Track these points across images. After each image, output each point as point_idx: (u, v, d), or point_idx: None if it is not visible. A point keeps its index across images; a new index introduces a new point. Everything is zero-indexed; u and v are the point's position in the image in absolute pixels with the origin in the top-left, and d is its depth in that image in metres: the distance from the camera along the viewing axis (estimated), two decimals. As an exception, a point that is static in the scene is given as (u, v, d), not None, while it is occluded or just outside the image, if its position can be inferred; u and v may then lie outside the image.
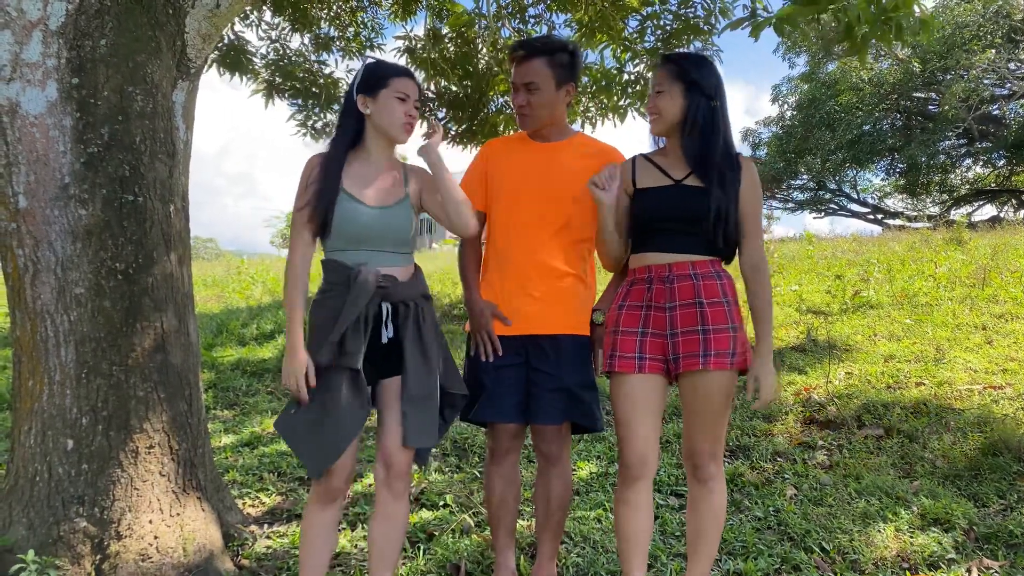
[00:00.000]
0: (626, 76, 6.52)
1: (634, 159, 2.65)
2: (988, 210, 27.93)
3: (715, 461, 2.53)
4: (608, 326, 2.57)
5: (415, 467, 2.67)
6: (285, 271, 2.49)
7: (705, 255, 2.48)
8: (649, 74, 6.36)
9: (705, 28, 5.75)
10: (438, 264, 15.86)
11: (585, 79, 6.67)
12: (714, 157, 2.45)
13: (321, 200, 2.40)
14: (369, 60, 2.58)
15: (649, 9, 5.99)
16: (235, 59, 6.67)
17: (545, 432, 2.74)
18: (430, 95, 7.12)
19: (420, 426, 2.43)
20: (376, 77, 2.46)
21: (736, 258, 2.58)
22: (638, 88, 6.51)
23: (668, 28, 5.99)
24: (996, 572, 2.99)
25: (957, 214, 24.36)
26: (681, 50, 6.03)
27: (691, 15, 5.81)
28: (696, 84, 2.46)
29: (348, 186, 2.44)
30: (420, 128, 2.66)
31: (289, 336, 2.37)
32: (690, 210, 2.44)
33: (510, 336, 2.69)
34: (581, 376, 2.70)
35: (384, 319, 2.41)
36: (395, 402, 2.46)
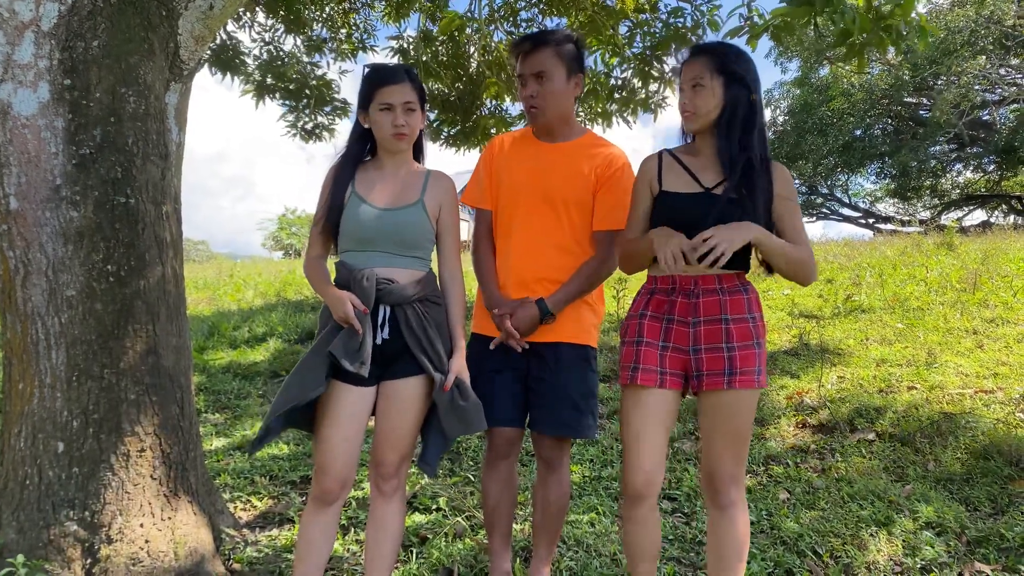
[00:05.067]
0: (613, 82, 6.53)
1: (660, 155, 2.48)
2: (978, 215, 28.13)
3: (736, 485, 2.35)
4: (628, 336, 2.42)
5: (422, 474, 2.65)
6: (305, 274, 2.63)
7: (731, 268, 2.34)
8: (636, 80, 6.37)
9: (692, 38, 5.76)
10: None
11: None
12: (752, 160, 2.28)
13: (331, 207, 2.49)
14: (366, 67, 2.57)
15: (643, 16, 6.00)
16: (227, 59, 6.65)
17: (545, 439, 2.73)
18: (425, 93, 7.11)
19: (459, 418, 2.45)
20: (365, 90, 2.50)
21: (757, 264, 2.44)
22: (624, 94, 6.53)
23: (657, 36, 6.00)
24: (988, 576, 3.00)
25: (948, 219, 24.49)
26: (669, 62, 6.04)
27: (680, 24, 5.83)
28: (738, 77, 2.28)
29: (360, 189, 2.50)
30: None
31: (324, 294, 2.44)
32: (720, 221, 2.23)
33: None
34: (582, 385, 2.67)
35: (380, 321, 2.41)
36: (390, 404, 2.46)
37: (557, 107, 2.68)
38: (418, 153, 2.66)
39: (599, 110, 6.69)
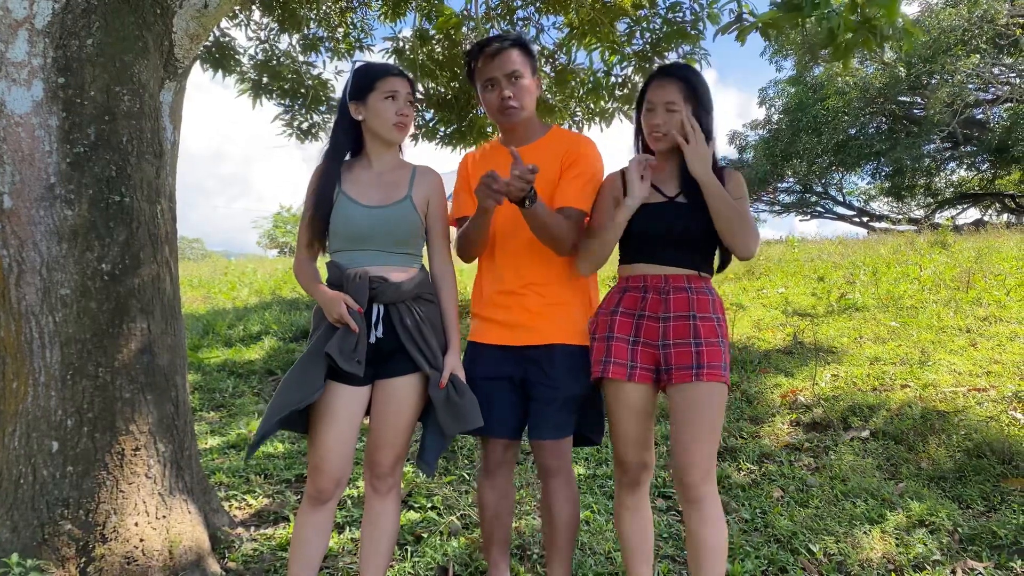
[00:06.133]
0: (613, 80, 6.53)
1: (624, 172, 2.59)
2: (972, 213, 28.20)
3: (707, 480, 2.35)
4: (600, 332, 2.52)
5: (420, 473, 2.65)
6: (295, 276, 2.63)
7: (697, 271, 2.47)
8: (637, 78, 6.38)
9: (693, 33, 5.77)
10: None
11: (573, 82, 6.69)
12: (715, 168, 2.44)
13: (319, 208, 2.48)
14: (357, 63, 2.58)
15: (642, 12, 6.01)
16: (219, 56, 6.63)
17: (542, 446, 2.64)
18: (419, 95, 7.10)
19: (455, 417, 2.45)
20: (363, 81, 2.48)
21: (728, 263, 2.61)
22: (625, 92, 6.53)
23: (657, 32, 6.00)
24: (981, 573, 3.02)
25: (941, 217, 24.59)
26: (671, 58, 6.06)
27: (680, 19, 5.83)
28: (701, 102, 2.45)
29: (348, 189, 2.49)
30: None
31: (316, 295, 2.44)
32: (684, 228, 2.43)
33: (505, 348, 2.63)
34: (578, 386, 2.59)
35: (374, 320, 2.41)
36: (385, 403, 2.46)
37: (530, 106, 2.68)
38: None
39: (599, 108, 6.69)
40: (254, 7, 6.71)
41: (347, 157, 2.61)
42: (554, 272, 2.65)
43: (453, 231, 2.78)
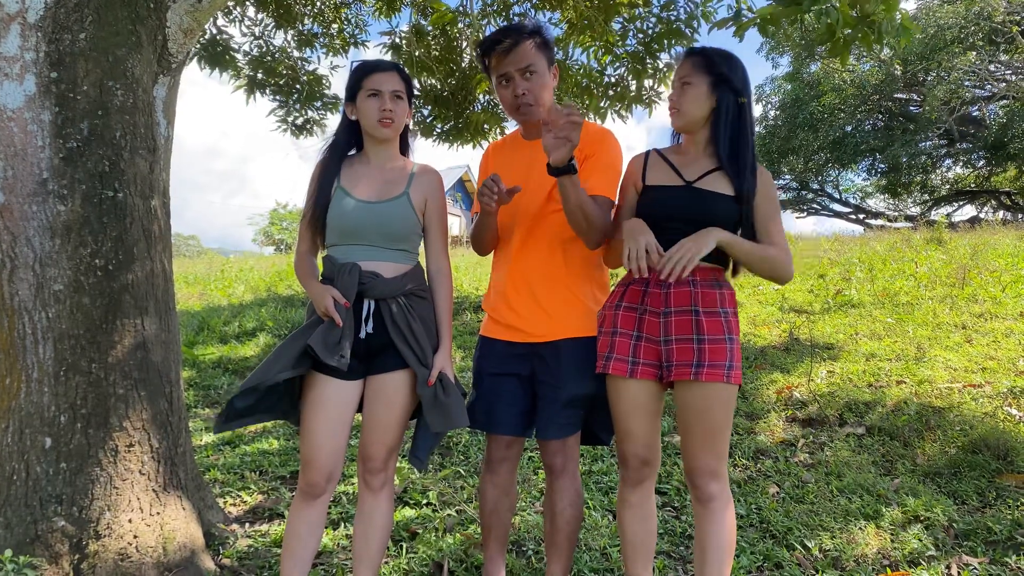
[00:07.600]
0: (607, 79, 6.53)
1: (647, 154, 2.54)
2: (968, 210, 28.31)
3: (716, 480, 2.33)
4: (605, 326, 2.47)
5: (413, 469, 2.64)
6: (295, 270, 2.67)
7: (708, 262, 2.36)
8: (630, 77, 6.38)
9: (687, 32, 5.76)
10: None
11: (567, 78, 6.68)
12: (746, 157, 2.35)
13: (317, 201, 2.50)
14: (355, 64, 2.58)
15: (636, 11, 6.00)
16: (217, 54, 6.62)
17: (548, 445, 2.62)
18: (415, 90, 7.08)
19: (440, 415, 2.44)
20: (352, 82, 2.52)
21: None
22: (619, 90, 6.52)
23: (650, 31, 6.00)
24: (976, 569, 3.02)
25: (937, 214, 24.62)
26: (663, 58, 6.07)
27: (673, 18, 5.82)
28: (725, 78, 2.34)
29: (345, 183, 2.51)
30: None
31: (308, 289, 2.48)
32: (699, 214, 2.32)
33: (513, 344, 2.61)
34: (584, 384, 2.54)
35: (365, 315, 2.41)
36: (375, 398, 2.46)
37: (547, 100, 2.62)
38: (404, 148, 2.66)
39: (594, 106, 6.68)
40: (248, 2, 6.69)
41: (352, 152, 2.62)
42: (564, 268, 2.62)
43: (457, 223, 2.78)
